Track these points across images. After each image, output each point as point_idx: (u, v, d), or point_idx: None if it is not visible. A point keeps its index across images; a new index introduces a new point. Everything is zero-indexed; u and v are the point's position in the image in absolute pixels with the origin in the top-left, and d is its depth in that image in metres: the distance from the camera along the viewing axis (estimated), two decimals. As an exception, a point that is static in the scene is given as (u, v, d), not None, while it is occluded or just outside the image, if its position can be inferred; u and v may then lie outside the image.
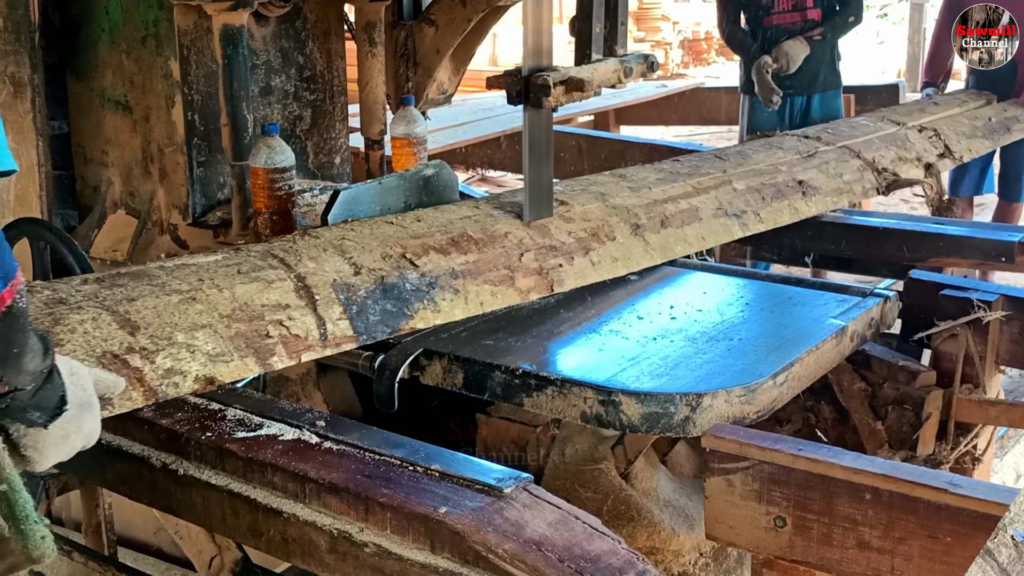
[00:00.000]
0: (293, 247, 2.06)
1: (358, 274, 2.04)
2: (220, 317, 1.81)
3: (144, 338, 1.70)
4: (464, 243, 2.23)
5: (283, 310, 1.90)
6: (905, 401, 2.45)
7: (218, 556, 2.09)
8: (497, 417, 2.32)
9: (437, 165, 2.54)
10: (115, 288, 1.79)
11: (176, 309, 1.78)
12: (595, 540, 1.51)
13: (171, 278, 1.86)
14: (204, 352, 1.76)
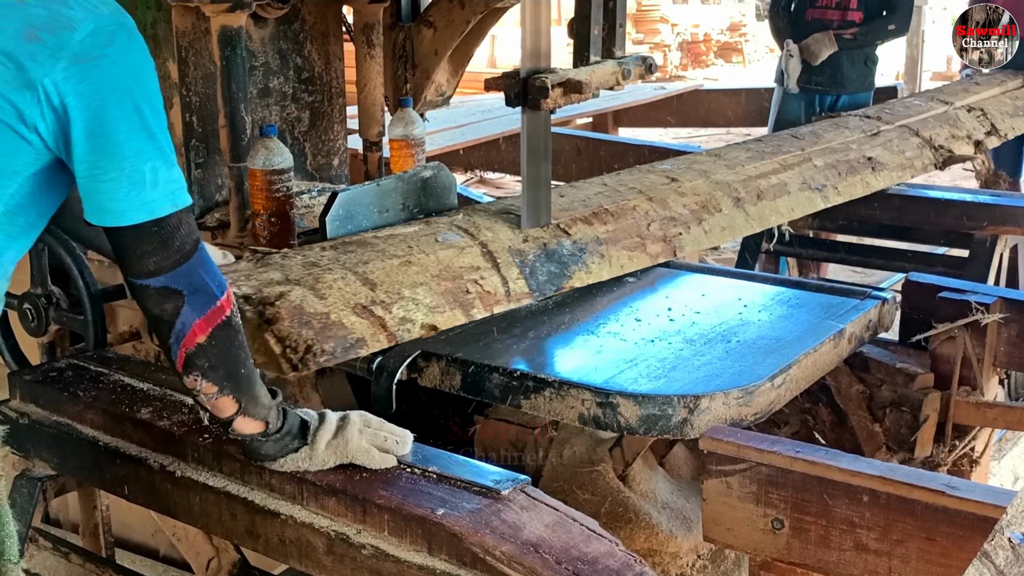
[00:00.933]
0: (471, 219, 2.40)
1: (526, 241, 2.37)
2: (431, 277, 2.16)
3: (381, 293, 2.07)
4: (603, 215, 2.55)
5: (476, 271, 2.24)
6: (903, 403, 2.45)
7: (216, 558, 2.09)
8: (495, 419, 2.32)
9: (435, 167, 2.54)
10: (349, 254, 2.16)
11: (399, 270, 2.14)
12: (592, 542, 1.51)
13: (387, 245, 2.23)
14: (425, 304, 2.11)
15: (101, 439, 1.95)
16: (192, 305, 1.50)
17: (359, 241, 2.24)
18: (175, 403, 1.95)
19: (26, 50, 1.38)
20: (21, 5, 1.40)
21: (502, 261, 2.28)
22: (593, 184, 2.78)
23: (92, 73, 1.40)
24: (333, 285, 2.02)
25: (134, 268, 1.49)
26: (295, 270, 2.06)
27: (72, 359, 2.18)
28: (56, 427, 2.00)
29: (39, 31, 1.39)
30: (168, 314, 1.50)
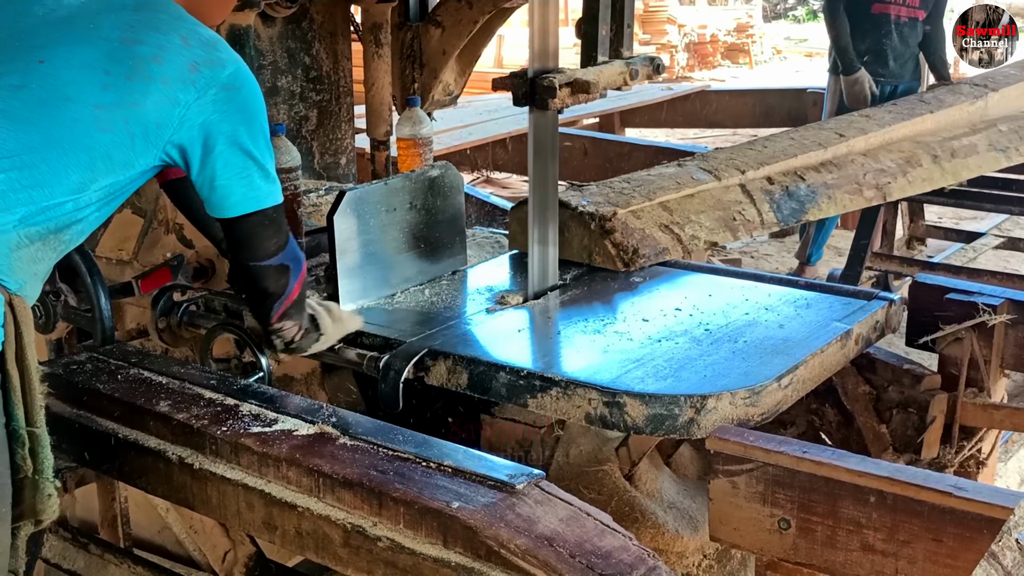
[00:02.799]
0: (710, 164, 3.08)
1: (772, 183, 3.10)
2: (708, 207, 2.84)
3: (676, 216, 2.75)
4: (829, 166, 3.41)
5: (738, 204, 2.94)
6: (910, 404, 2.45)
7: (232, 550, 2.10)
8: (501, 418, 2.32)
9: (443, 166, 2.55)
10: (639, 187, 2.80)
11: (683, 200, 2.83)
12: (606, 536, 1.52)
13: (663, 181, 2.88)
14: (706, 227, 2.77)
15: (120, 431, 1.97)
16: (294, 274, 1.99)
17: (639, 178, 2.87)
18: (193, 396, 1.98)
19: (188, 79, 1.77)
20: (187, 47, 1.78)
21: (756, 198, 3.00)
22: (782, 139, 3.52)
23: (233, 99, 1.82)
24: (638, 212, 2.69)
25: (258, 252, 1.93)
26: (613, 197, 2.70)
27: (92, 352, 2.20)
28: (76, 419, 2.02)
29: (200, 66, 1.79)
30: (282, 286, 1.98)
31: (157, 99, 1.75)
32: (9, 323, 1.69)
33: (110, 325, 2.30)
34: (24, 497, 1.74)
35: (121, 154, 1.76)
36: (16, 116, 1.68)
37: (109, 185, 1.77)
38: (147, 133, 1.76)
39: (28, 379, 1.72)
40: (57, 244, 1.78)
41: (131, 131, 1.74)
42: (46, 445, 1.75)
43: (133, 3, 1.81)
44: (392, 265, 2.48)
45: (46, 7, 1.79)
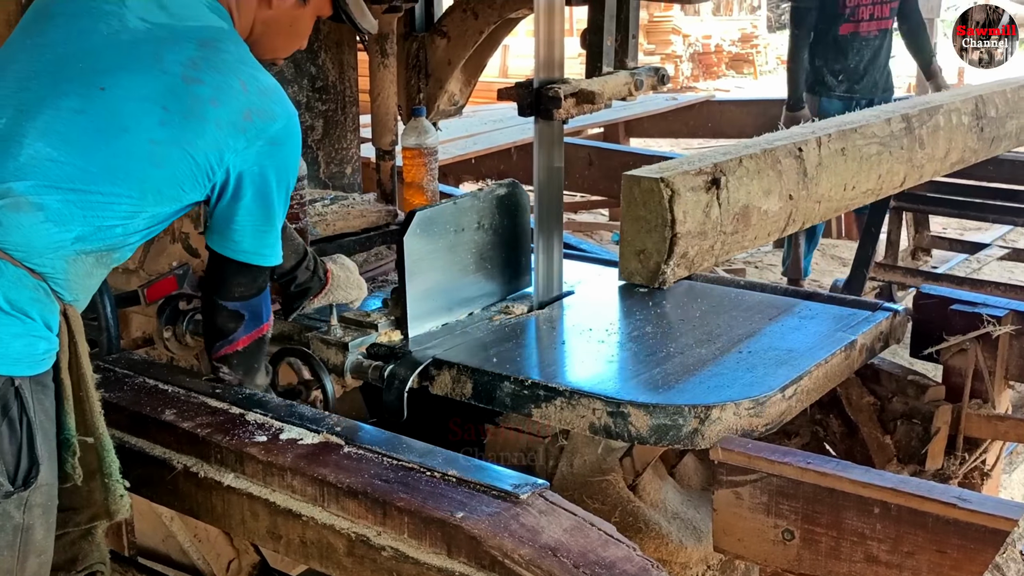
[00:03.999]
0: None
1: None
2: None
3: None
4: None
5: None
6: (914, 415, 2.45)
7: (236, 559, 2.11)
8: (505, 427, 2.32)
9: (509, 184, 2.52)
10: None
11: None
12: (610, 547, 1.52)
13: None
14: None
15: (126, 440, 1.97)
16: (247, 327, 2.00)
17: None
18: (199, 405, 1.99)
19: (240, 126, 1.81)
20: (245, 93, 1.81)
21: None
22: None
23: (275, 154, 1.87)
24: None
25: (223, 291, 1.97)
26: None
27: (97, 361, 2.21)
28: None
29: (254, 115, 1.82)
30: (229, 330, 2.00)
31: (210, 141, 1.78)
32: (63, 332, 1.74)
33: (116, 334, 2.31)
34: (95, 500, 1.83)
35: (171, 190, 1.80)
36: (75, 141, 1.71)
37: (157, 214, 1.82)
38: (196, 173, 1.80)
39: (85, 387, 1.78)
40: (108, 261, 1.83)
41: (182, 169, 1.78)
42: (110, 449, 1.82)
43: (199, 37, 1.83)
44: (459, 287, 2.40)
45: (111, 27, 1.80)
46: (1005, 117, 3.62)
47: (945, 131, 3.22)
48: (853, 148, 2.80)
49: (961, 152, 3.33)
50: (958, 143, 3.30)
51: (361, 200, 3.07)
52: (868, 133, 2.90)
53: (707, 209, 2.35)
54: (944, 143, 3.20)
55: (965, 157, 3.38)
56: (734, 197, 2.41)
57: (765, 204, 2.50)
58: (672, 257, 2.31)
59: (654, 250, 2.33)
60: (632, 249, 2.37)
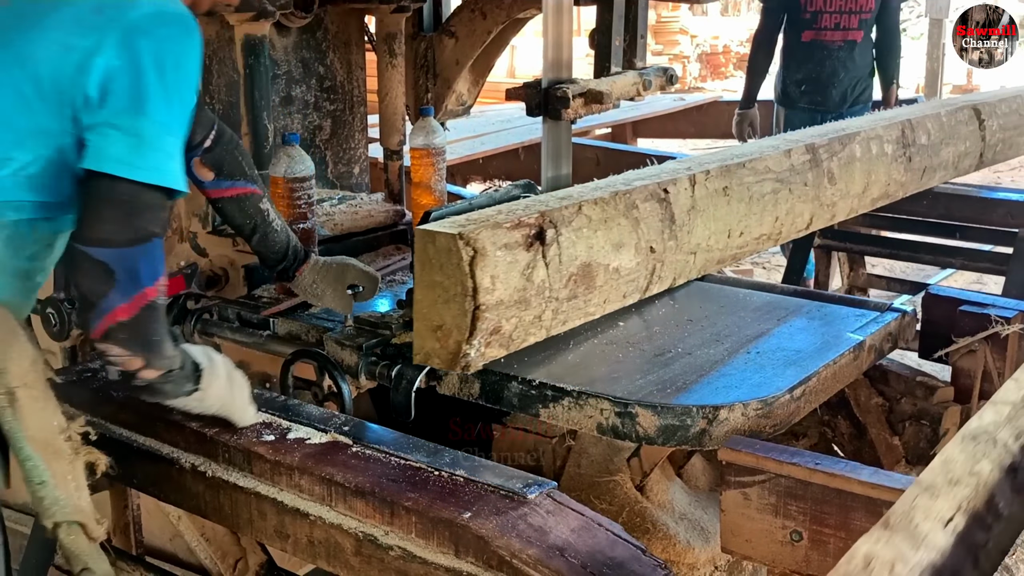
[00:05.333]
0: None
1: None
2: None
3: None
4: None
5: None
6: (923, 416, 2.44)
7: (243, 559, 2.11)
8: (513, 428, 2.32)
9: (525, 185, 2.52)
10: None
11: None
12: (618, 547, 1.52)
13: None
14: None
15: (133, 439, 1.98)
16: (120, 291, 1.58)
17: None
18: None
19: (92, 21, 1.57)
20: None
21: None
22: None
23: (140, 44, 1.57)
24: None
25: (88, 232, 1.58)
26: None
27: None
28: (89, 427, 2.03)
29: (105, 7, 1.59)
30: (97, 294, 1.58)
31: (49, 49, 1.56)
32: None
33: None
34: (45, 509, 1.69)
35: (22, 119, 1.58)
36: None
37: (32, 165, 1.60)
38: (41, 89, 1.57)
39: None
40: (15, 244, 1.64)
41: (22, 89, 1.57)
42: (28, 457, 1.65)
43: None
44: None
45: None
46: (939, 144, 2.99)
47: (863, 162, 2.59)
48: (740, 187, 2.21)
49: (884, 186, 2.73)
50: (880, 176, 2.68)
51: (369, 200, 3.07)
52: (760, 168, 2.28)
53: (528, 271, 1.79)
54: (861, 176, 2.60)
55: (890, 191, 2.79)
56: (569, 254, 1.84)
57: (615, 260, 1.94)
58: (476, 334, 1.74)
59: (453, 326, 1.75)
60: (427, 324, 1.79)
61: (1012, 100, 3.40)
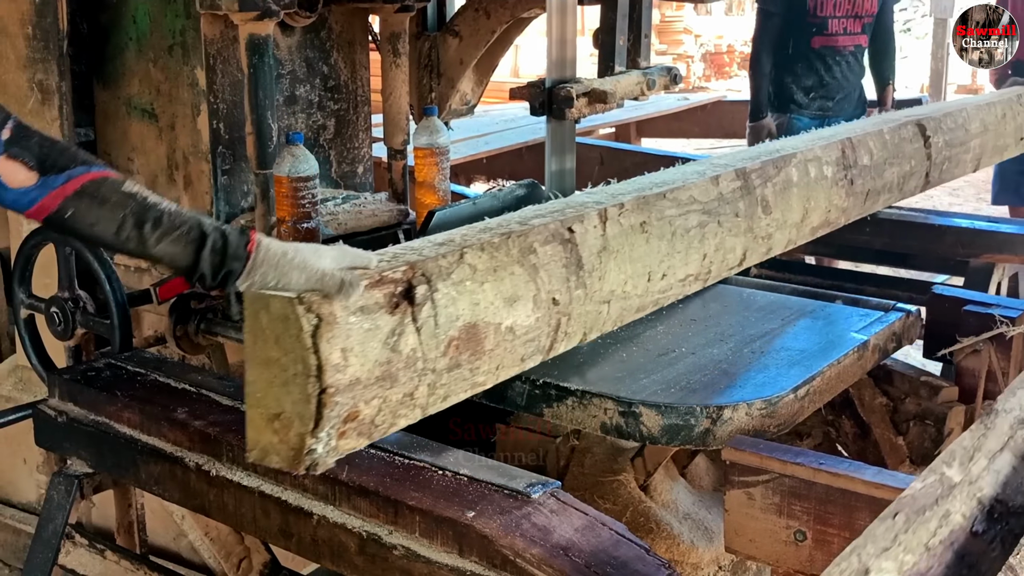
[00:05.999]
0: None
1: None
2: None
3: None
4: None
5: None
6: (927, 416, 2.44)
7: (247, 558, 2.12)
8: (516, 427, 2.32)
9: (528, 185, 2.51)
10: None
11: None
12: (622, 547, 1.53)
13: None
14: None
15: (138, 438, 1.99)
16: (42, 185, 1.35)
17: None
18: (211, 403, 1.99)
19: None
20: None
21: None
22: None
23: None
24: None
25: None
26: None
27: (110, 359, 2.22)
28: (94, 426, 2.04)
29: None
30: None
31: None
32: None
33: (128, 332, 2.32)
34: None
35: None
36: None
37: None
38: None
39: None
40: None
41: None
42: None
43: None
44: None
45: None
46: (883, 164, 2.65)
47: (801, 188, 2.28)
48: (660, 221, 1.91)
49: (824, 213, 2.41)
50: (819, 202, 2.37)
51: (373, 199, 3.07)
52: (683, 199, 1.98)
53: (394, 339, 1.44)
54: (799, 203, 2.29)
55: (831, 219, 2.46)
56: (448, 314, 1.50)
57: (508, 317, 1.60)
58: (324, 424, 1.38)
59: (294, 414, 1.39)
60: (262, 412, 1.42)
61: (957, 114, 3.07)
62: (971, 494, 1.28)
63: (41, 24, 2.75)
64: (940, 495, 1.26)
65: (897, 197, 2.81)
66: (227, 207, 2.80)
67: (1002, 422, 1.43)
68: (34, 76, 2.78)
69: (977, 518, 1.24)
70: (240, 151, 2.76)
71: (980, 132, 3.17)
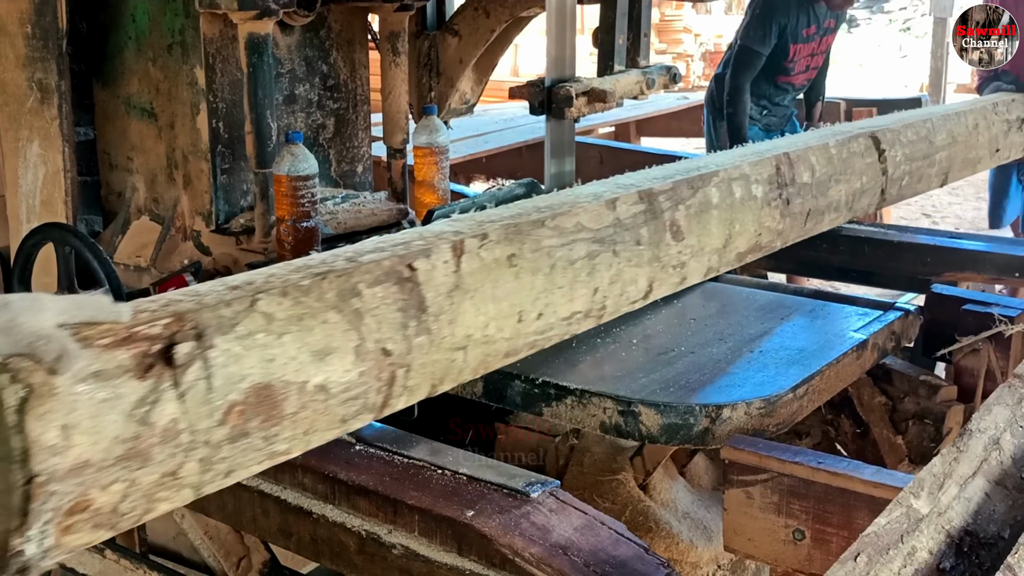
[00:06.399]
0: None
1: None
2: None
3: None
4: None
5: None
6: (926, 415, 2.44)
7: (246, 557, 2.12)
8: (516, 426, 2.33)
9: (528, 184, 2.51)
10: None
11: None
12: (621, 546, 1.53)
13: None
14: None
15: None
16: None
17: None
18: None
19: None
20: None
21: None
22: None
23: None
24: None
25: None
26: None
27: None
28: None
29: None
30: None
31: None
32: None
33: (128, 331, 2.31)
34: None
35: None
36: None
37: None
38: None
39: None
40: None
41: None
42: None
43: None
44: None
45: None
46: (828, 181, 2.36)
47: (723, 210, 2.00)
48: (536, 253, 1.61)
49: (754, 237, 2.12)
50: (747, 225, 2.08)
51: (372, 199, 3.07)
52: (568, 226, 1.68)
53: (143, 409, 1.16)
54: (721, 227, 2.01)
55: (763, 242, 2.17)
56: (228, 374, 1.22)
57: (319, 374, 1.32)
58: (34, 520, 1.08)
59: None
60: None
61: (920, 126, 2.77)
62: (939, 527, 1.26)
63: (40, 23, 2.76)
64: (905, 530, 1.24)
65: (847, 216, 2.53)
66: (226, 206, 2.81)
67: (976, 444, 1.42)
68: (33, 75, 2.78)
69: (945, 553, 1.23)
70: (239, 150, 2.77)
71: (947, 144, 2.88)
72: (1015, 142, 3.39)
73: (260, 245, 2.66)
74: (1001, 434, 1.45)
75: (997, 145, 3.25)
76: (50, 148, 2.78)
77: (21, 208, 2.80)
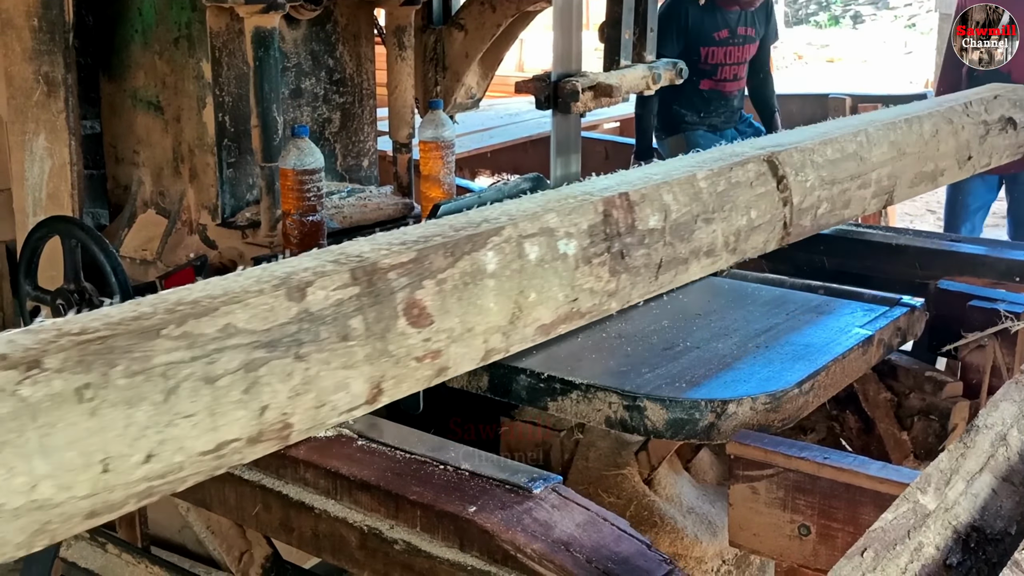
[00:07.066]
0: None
1: None
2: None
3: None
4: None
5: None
6: (931, 412, 2.44)
7: (249, 551, 2.12)
8: (521, 421, 2.33)
9: (534, 179, 2.51)
10: None
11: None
12: (623, 542, 1.52)
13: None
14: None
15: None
16: None
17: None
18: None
19: None
20: None
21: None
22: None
23: None
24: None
25: None
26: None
27: None
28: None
29: None
30: None
31: None
32: None
33: (133, 324, 2.31)
34: None
35: None
36: None
37: None
38: None
39: None
40: None
41: None
42: None
43: None
44: None
45: None
46: (693, 222, 1.90)
47: (505, 279, 1.54)
48: (131, 379, 1.12)
49: (565, 304, 1.67)
50: (551, 291, 1.63)
51: (378, 193, 3.07)
52: (208, 333, 1.20)
53: None
54: (503, 301, 1.55)
55: (583, 308, 1.73)
56: None
57: None
58: None
59: None
60: None
61: (845, 141, 2.32)
62: (946, 523, 1.26)
63: (47, 16, 2.76)
64: (912, 526, 1.24)
65: (732, 259, 2.08)
66: (232, 200, 2.81)
67: (983, 440, 1.42)
68: (40, 68, 2.78)
69: (952, 549, 1.23)
70: (245, 144, 2.77)
71: (889, 159, 2.43)
72: (996, 146, 2.88)
73: (266, 239, 2.66)
74: (1008, 430, 1.45)
75: (968, 152, 2.76)
76: (56, 141, 2.79)
77: (27, 201, 2.80)
